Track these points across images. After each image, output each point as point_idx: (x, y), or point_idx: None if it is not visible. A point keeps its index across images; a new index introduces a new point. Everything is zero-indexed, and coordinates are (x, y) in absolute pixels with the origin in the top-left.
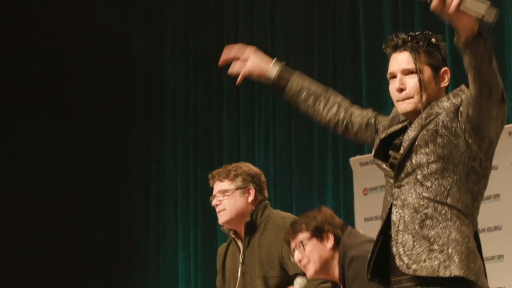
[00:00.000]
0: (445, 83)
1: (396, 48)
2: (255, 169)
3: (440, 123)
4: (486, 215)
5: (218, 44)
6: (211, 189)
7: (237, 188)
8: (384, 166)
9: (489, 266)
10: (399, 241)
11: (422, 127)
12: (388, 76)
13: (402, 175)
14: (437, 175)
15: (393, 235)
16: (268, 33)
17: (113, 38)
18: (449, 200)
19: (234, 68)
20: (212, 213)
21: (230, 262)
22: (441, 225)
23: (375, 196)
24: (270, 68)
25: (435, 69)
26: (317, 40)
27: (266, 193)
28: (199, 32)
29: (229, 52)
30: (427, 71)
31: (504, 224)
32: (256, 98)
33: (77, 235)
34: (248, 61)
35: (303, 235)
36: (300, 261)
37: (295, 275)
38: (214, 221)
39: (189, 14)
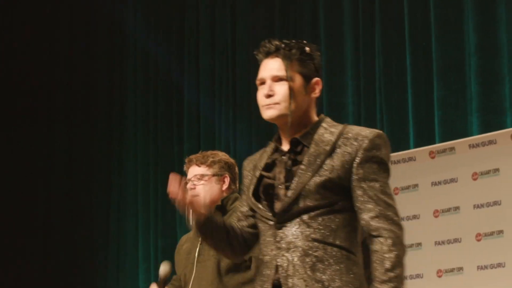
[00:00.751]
0: (315, 93)
1: (268, 54)
2: (231, 159)
3: (335, 174)
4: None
5: (178, 60)
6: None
7: (213, 175)
8: (260, 206)
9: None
10: (290, 285)
11: (314, 172)
12: (257, 83)
13: (286, 216)
14: (324, 217)
15: (282, 280)
16: (229, 44)
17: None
18: (338, 241)
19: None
20: (172, 225)
21: (189, 244)
22: (333, 267)
23: None
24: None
25: (307, 79)
26: None
27: (237, 185)
28: (160, 48)
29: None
30: (298, 80)
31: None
32: (217, 110)
33: (38, 250)
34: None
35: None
36: None
37: (250, 259)
38: (174, 233)
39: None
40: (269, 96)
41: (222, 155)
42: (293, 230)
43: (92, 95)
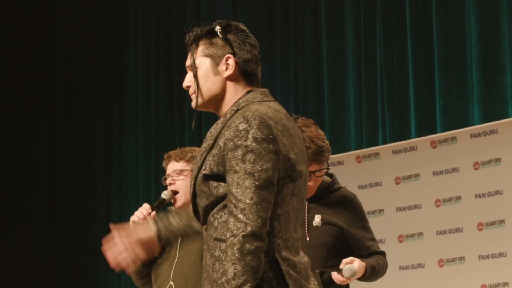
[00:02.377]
0: (229, 71)
1: (187, 45)
2: None
3: (208, 168)
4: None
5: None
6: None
7: (192, 170)
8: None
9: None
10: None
11: (198, 170)
12: None
13: (201, 217)
14: (221, 213)
15: (202, 282)
16: None
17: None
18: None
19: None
20: None
21: None
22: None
23: None
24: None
25: (215, 59)
26: (279, 42)
27: None
28: (161, 38)
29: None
30: (205, 63)
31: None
32: None
33: (41, 232)
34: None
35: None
36: None
37: None
38: None
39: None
40: (188, 87)
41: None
42: (208, 232)
43: (92, 91)
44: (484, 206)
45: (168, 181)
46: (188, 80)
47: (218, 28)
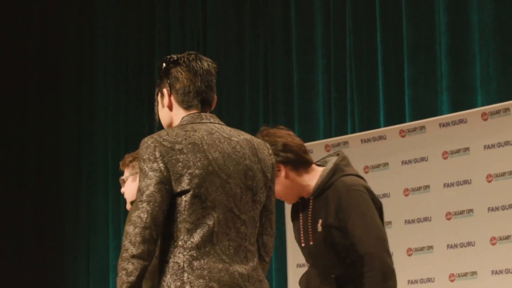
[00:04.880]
0: (164, 101)
1: None
2: None
3: None
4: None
5: (149, 38)
6: None
7: (130, 175)
8: None
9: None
10: None
11: None
12: None
13: None
14: None
15: None
16: (199, 23)
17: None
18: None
19: None
20: None
21: None
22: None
23: None
24: None
25: (160, 92)
26: (248, 31)
27: None
28: (130, 26)
29: None
30: (158, 97)
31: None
32: None
33: (9, 223)
34: None
35: None
36: None
37: None
38: None
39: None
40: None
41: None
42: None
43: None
44: (453, 195)
45: (122, 190)
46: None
47: (162, 66)
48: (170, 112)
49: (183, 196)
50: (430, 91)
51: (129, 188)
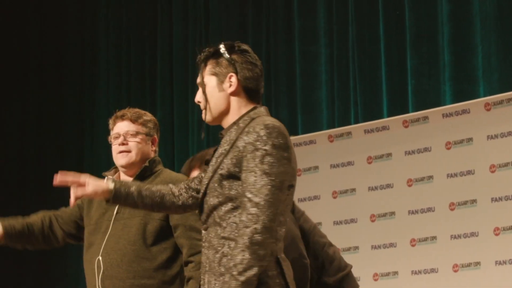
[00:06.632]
0: (231, 88)
1: (197, 65)
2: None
3: (225, 168)
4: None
5: (151, 27)
6: None
7: (146, 134)
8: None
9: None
10: (206, 281)
11: (214, 171)
12: None
13: (205, 216)
14: (229, 215)
15: (202, 276)
16: (202, 13)
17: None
18: None
19: (77, 192)
20: None
21: (101, 202)
22: None
23: (309, 177)
24: (107, 183)
25: (220, 77)
26: (251, 21)
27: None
28: (132, 18)
29: (65, 177)
30: (212, 81)
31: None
32: (190, 79)
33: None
34: (89, 184)
35: (197, 171)
36: None
37: (176, 226)
38: None
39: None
40: (199, 102)
41: (151, 115)
42: (211, 231)
43: (64, 62)
44: (456, 185)
45: (120, 141)
46: (199, 96)
47: (222, 49)
48: (228, 98)
49: (290, 190)
50: (432, 81)
51: (144, 146)
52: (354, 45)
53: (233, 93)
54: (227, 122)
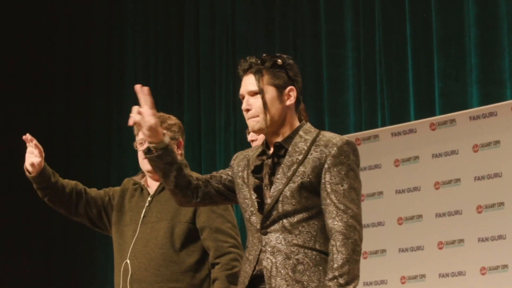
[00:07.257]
0: (290, 101)
1: (245, 72)
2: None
3: (306, 179)
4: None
5: (178, 31)
6: None
7: (171, 138)
8: (253, 207)
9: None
10: (273, 285)
11: (289, 179)
12: (240, 98)
13: (268, 222)
14: (304, 223)
15: (266, 280)
16: (228, 16)
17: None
18: (317, 246)
19: (138, 118)
20: None
21: (134, 202)
22: (312, 269)
23: None
24: (165, 137)
25: (280, 89)
26: (278, 24)
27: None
28: (159, 20)
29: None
30: (271, 91)
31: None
32: (217, 82)
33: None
34: (153, 120)
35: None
36: None
37: (202, 228)
38: None
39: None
40: (247, 110)
41: (175, 119)
42: (276, 237)
43: (92, 67)
44: (483, 188)
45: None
46: (249, 104)
47: (280, 62)
48: (285, 110)
49: None
50: (459, 84)
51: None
52: (381, 48)
53: (289, 106)
54: (278, 133)
